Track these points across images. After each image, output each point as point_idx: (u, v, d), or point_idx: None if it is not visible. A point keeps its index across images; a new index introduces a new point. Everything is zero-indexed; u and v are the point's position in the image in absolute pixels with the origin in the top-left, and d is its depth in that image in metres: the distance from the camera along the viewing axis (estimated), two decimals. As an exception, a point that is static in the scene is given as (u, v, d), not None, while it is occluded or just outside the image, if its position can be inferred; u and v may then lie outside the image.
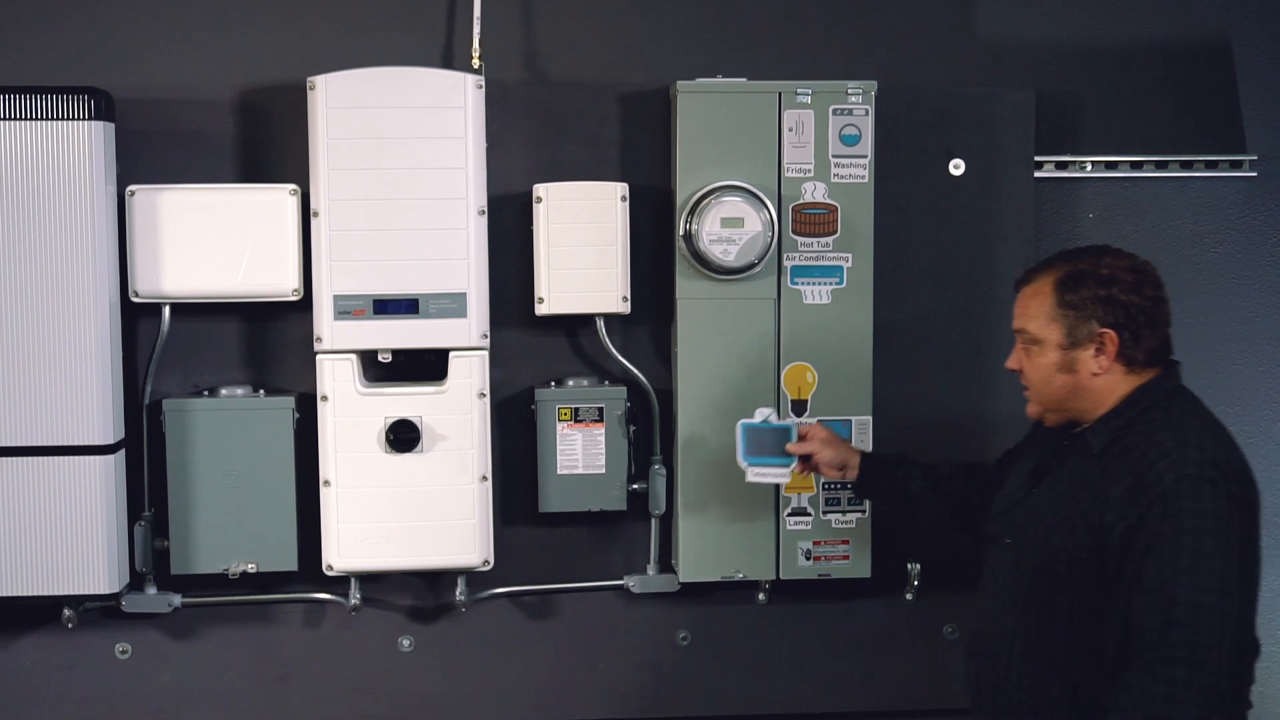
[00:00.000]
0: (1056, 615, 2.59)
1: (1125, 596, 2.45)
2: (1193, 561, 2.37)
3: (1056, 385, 2.65)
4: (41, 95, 3.20)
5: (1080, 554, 2.52)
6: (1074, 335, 2.61)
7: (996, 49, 3.68)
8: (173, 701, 3.59)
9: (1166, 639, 2.36)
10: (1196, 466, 2.43)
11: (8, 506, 3.25)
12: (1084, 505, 2.54)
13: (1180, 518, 2.40)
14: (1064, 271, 2.63)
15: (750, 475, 3.25)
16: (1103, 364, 2.60)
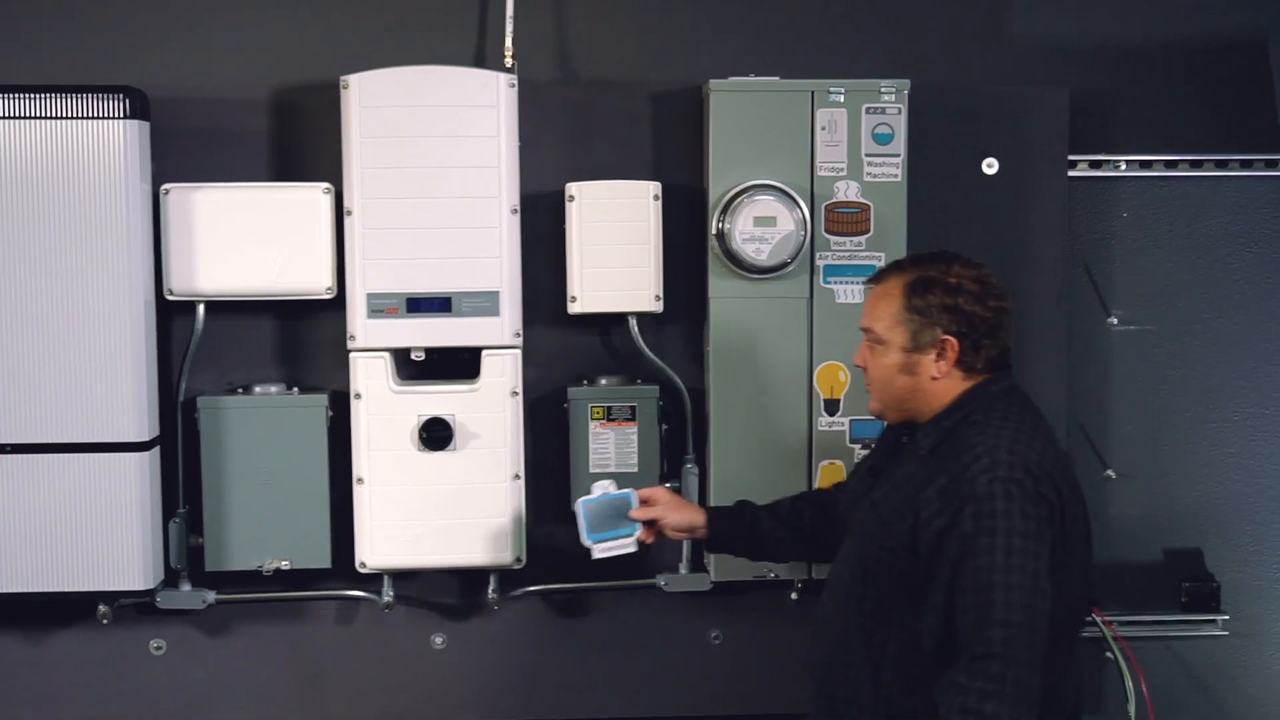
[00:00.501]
0: (872, 606, 2.65)
1: (942, 595, 2.51)
2: (1005, 561, 2.44)
3: (897, 386, 2.71)
4: (77, 94, 3.22)
5: (898, 549, 2.59)
6: (917, 340, 2.66)
7: (1030, 48, 3.66)
8: (207, 697, 3.61)
9: (983, 637, 2.42)
10: (1007, 469, 2.50)
11: (44, 503, 3.27)
12: (904, 503, 2.61)
13: (992, 519, 2.47)
14: (914, 276, 2.68)
15: (596, 552, 3.18)
16: (942, 369, 2.66)
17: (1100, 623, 3.62)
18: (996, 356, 2.68)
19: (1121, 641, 3.64)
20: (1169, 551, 3.80)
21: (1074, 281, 3.68)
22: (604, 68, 3.57)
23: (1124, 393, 3.75)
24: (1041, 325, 3.60)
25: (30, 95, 3.21)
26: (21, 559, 3.28)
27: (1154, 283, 3.73)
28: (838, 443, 3.46)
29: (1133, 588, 3.78)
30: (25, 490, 3.27)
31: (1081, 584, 2.66)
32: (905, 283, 2.68)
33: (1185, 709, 3.82)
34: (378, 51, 3.44)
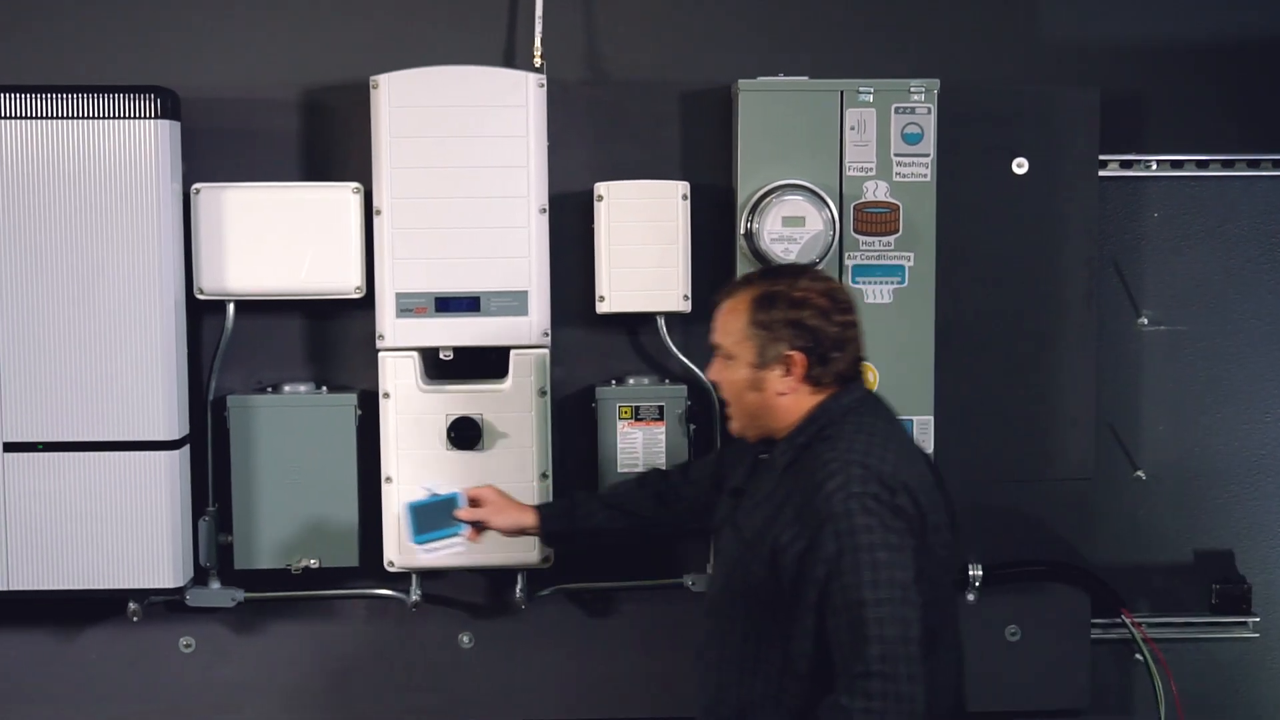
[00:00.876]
0: (744, 629, 2.62)
1: (812, 618, 2.49)
2: (872, 577, 2.42)
3: (747, 401, 2.69)
4: (109, 94, 3.24)
5: (761, 572, 2.56)
6: (763, 355, 2.63)
7: (1060, 47, 3.65)
8: (235, 695, 3.62)
9: (860, 655, 2.40)
10: (861, 484, 2.48)
11: (75, 501, 3.29)
12: (764, 524, 2.58)
13: (853, 536, 2.44)
14: (760, 291, 2.65)
15: (421, 554, 3.22)
16: (789, 384, 2.63)
17: (1130, 624, 3.62)
18: (845, 371, 2.66)
19: (1151, 643, 3.64)
20: (1200, 553, 3.78)
21: (1104, 282, 3.67)
22: (633, 67, 3.57)
23: (1154, 393, 3.73)
24: (1071, 325, 3.59)
25: (62, 95, 3.23)
26: (53, 556, 3.30)
27: (1185, 283, 3.71)
28: (866, 443, 3.45)
29: (1163, 589, 3.77)
30: (57, 488, 3.28)
31: (947, 586, 2.68)
32: (751, 298, 2.64)
33: (1215, 711, 3.80)
34: (407, 51, 3.45)
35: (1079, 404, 3.61)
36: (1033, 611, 3.67)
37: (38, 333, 3.25)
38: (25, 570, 3.30)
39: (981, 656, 3.64)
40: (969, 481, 3.57)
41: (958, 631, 2.76)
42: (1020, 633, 3.66)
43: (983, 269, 3.58)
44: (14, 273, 3.24)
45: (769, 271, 2.74)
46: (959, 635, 2.77)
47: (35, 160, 3.23)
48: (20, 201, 3.23)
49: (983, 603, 3.60)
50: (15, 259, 3.24)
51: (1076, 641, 3.68)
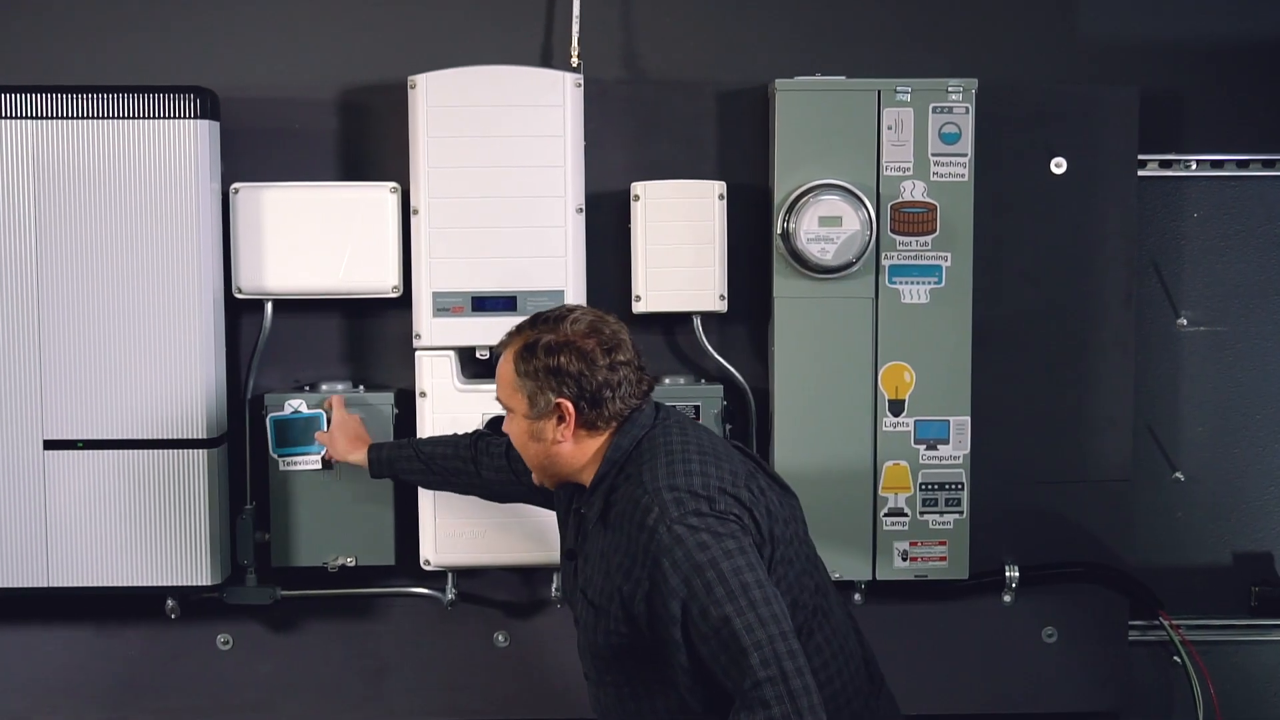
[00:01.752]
0: (629, 689, 2.58)
1: (685, 654, 2.42)
2: (725, 591, 2.35)
3: (530, 453, 2.62)
4: (149, 94, 3.26)
5: (621, 629, 2.51)
6: (535, 405, 2.56)
7: (1099, 46, 3.63)
8: (272, 692, 3.64)
9: (744, 670, 2.34)
10: (677, 507, 2.42)
11: (114, 499, 3.31)
12: (607, 581, 2.51)
13: (690, 560, 2.38)
14: (524, 341, 2.58)
15: (281, 465, 3.43)
16: (564, 434, 2.57)
17: (1168, 626, 3.60)
18: (623, 408, 2.57)
19: (1189, 646, 3.62)
20: (1238, 555, 3.76)
21: (1143, 282, 3.65)
22: (670, 67, 3.57)
23: (1193, 394, 3.71)
24: (1110, 326, 3.57)
25: (103, 95, 3.25)
26: (93, 553, 3.32)
27: (1225, 284, 3.69)
28: (903, 443, 3.45)
29: (1201, 591, 3.74)
30: (97, 485, 3.31)
31: (805, 559, 2.61)
32: (516, 350, 2.58)
33: (1254, 715, 3.77)
34: (445, 51, 3.46)
35: (1117, 405, 3.60)
36: (1070, 613, 3.65)
37: (77, 331, 3.27)
38: (66, 567, 3.32)
39: (1018, 658, 3.64)
40: (1006, 483, 3.57)
41: (833, 595, 2.69)
42: (1057, 634, 3.65)
43: (1020, 269, 3.57)
44: (54, 271, 3.26)
45: (536, 319, 2.62)
46: (836, 598, 2.70)
47: (76, 160, 3.25)
48: (61, 201, 3.25)
49: (1020, 604, 3.59)
50: (56, 258, 3.26)
51: (1114, 644, 3.66)
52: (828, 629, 2.61)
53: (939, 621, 3.65)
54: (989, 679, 3.67)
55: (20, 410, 3.29)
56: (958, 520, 3.48)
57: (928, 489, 3.46)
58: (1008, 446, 3.54)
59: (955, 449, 3.45)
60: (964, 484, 3.46)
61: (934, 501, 3.47)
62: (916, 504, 3.47)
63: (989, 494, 3.53)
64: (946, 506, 3.47)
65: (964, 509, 3.47)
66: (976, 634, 3.66)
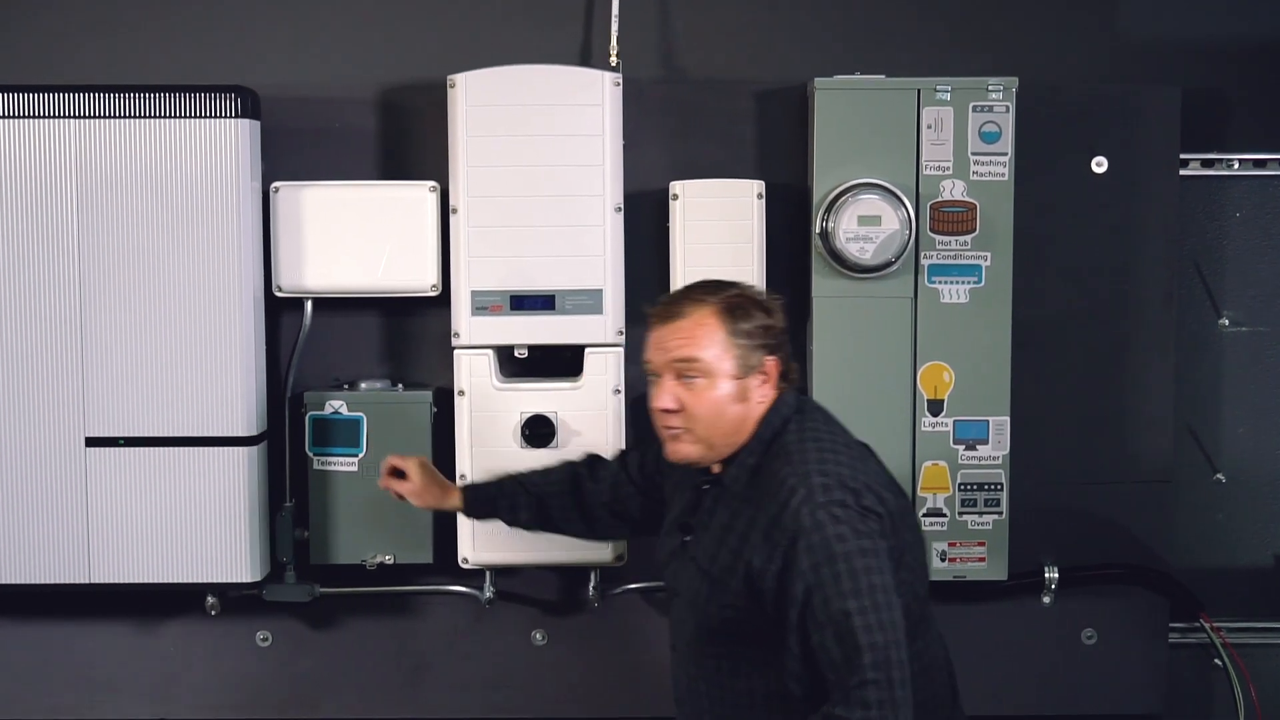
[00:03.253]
0: (730, 664, 2.57)
1: (797, 639, 2.43)
2: (852, 586, 2.37)
3: (729, 418, 2.57)
4: (191, 94, 3.28)
5: (739, 604, 2.50)
6: (746, 364, 2.55)
7: (1141, 44, 3.61)
8: (311, 689, 3.65)
9: (854, 666, 2.35)
10: (825, 493, 2.43)
11: (155, 496, 3.33)
12: (732, 555, 2.51)
13: (826, 547, 2.39)
14: (724, 300, 2.57)
15: (315, 464, 3.43)
16: (766, 393, 2.57)
17: (1209, 629, 3.57)
18: (793, 375, 2.62)
19: (1230, 648, 3.60)
20: (1281, 557, 3.74)
21: (1184, 282, 3.63)
22: (708, 66, 3.57)
23: (1235, 395, 3.69)
24: (1151, 326, 3.55)
25: (144, 95, 3.27)
26: (134, 550, 3.34)
27: (1267, 284, 3.66)
28: (941, 443, 3.43)
29: (1243, 594, 3.72)
30: (138, 483, 3.33)
31: (922, 577, 2.63)
32: (719, 308, 2.56)
33: (1296, 718, 3.76)
34: (484, 50, 3.46)
35: (1158, 406, 3.57)
36: (1110, 615, 3.63)
37: (119, 329, 3.29)
38: (107, 563, 3.34)
39: (1057, 660, 3.63)
40: (1046, 484, 3.56)
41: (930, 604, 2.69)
42: (1097, 636, 3.63)
43: (1061, 269, 3.55)
44: (96, 270, 3.28)
45: (707, 285, 2.63)
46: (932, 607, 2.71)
47: (118, 159, 3.27)
48: (103, 200, 3.27)
49: (1059, 606, 3.58)
50: (98, 257, 3.28)
51: (1154, 646, 3.64)
52: (927, 637, 2.62)
53: (978, 623, 3.63)
54: (1027, 681, 3.66)
55: (62, 408, 3.31)
56: (997, 521, 3.46)
57: (967, 489, 3.45)
58: (1048, 447, 3.52)
59: (995, 449, 3.43)
60: (1003, 484, 3.44)
61: (973, 502, 3.45)
62: (955, 504, 3.45)
63: (1028, 495, 3.52)
64: (985, 507, 3.46)
65: (1003, 510, 3.46)
66: (1015, 635, 3.65)
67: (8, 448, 3.32)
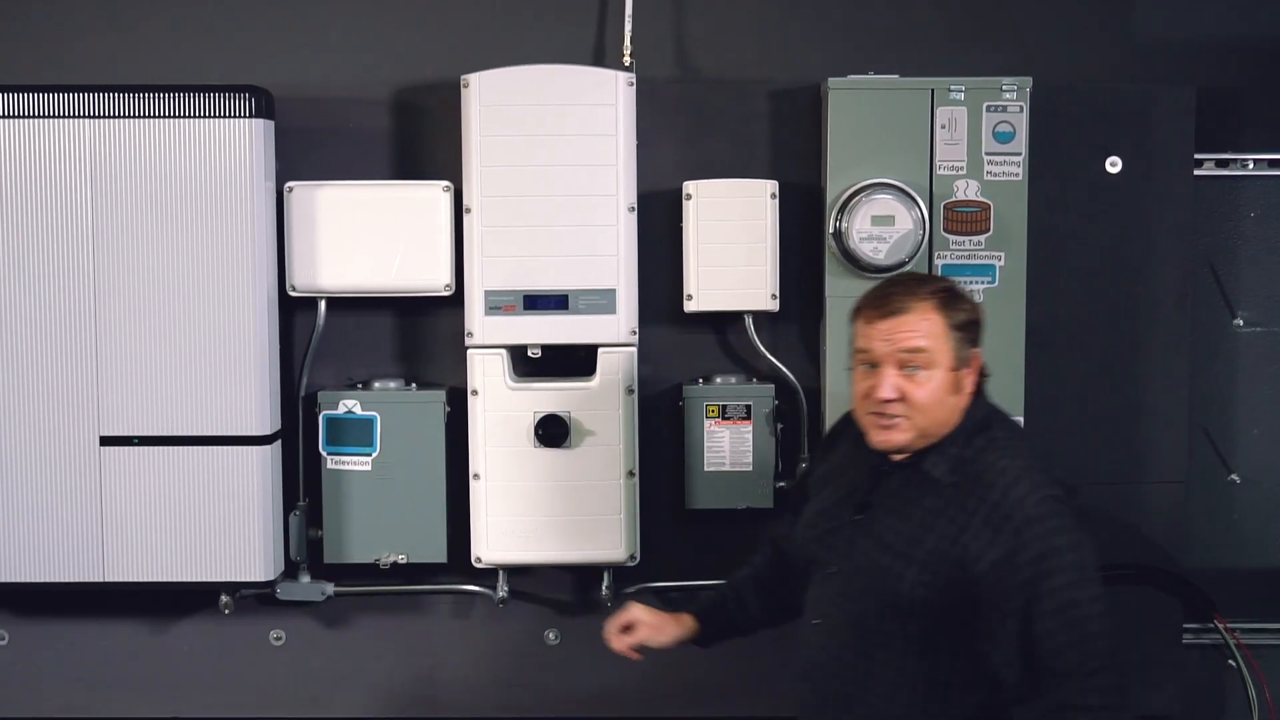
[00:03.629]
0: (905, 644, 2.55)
1: (1016, 623, 2.43)
2: (1079, 575, 2.41)
3: (946, 408, 2.57)
4: (204, 94, 3.28)
5: (938, 585, 2.50)
6: (960, 355, 2.58)
7: (1155, 44, 3.61)
8: (325, 688, 3.66)
9: (1086, 654, 2.39)
10: (1047, 485, 2.47)
11: (169, 494, 3.34)
12: (934, 539, 2.51)
13: (1054, 536, 2.42)
14: (939, 295, 2.59)
15: (329, 463, 3.43)
16: (971, 384, 2.60)
17: (1222, 630, 3.57)
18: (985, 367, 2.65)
19: (1244, 649, 3.59)
20: (1295, 558, 3.73)
21: (1199, 282, 3.62)
22: (722, 66, 3.57)
23: (1249, 395, 3.68)
24: (1164, 327, 3.55)
25: (159, 95, 3.28)
26: (148, 549, 3.35)
27: (1281, 284, 3.66)
28: (955, 444, 3.43)
29: (1257, 595, 3.71)
30: (152, 481, 3.33)
31: None
32: (937, 301, 2.57)
33: (1310, 719, 3.75)
34: (498, 50, 3.46)
35: (1172, 406, 3.57)
36: (1123, 616, 3.61)
37: (133, 329, 3.30)
38: (121, 562, 3.35)
39: (1071, 660, 3.61)
40: (1059, 484, 3.54)
41: None
42: (1110, 637, 3.62)
43: (1075, 269, 3.55)
44: (111, 269, 3.29)
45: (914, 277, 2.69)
46: None
47: (132, 159, 3.28)
48: (117, 200, 3.28)
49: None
50: (112, 257, 3.29)
51: (1168, 647, 3.63)
52: None
53: (991, 623, 3.63)
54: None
55: (77, 406, 3.32)
56: (1010, 521, 3.45)
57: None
58: (1061, 448, 3.51)
59: (1008, 450, 3.43)
60: (1016, 485, 3.44)
61: (986, 502, 3.44)
62: (969, 505, 3.45)
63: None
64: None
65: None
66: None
67: (22, 447, 3.32)
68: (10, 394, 3.31)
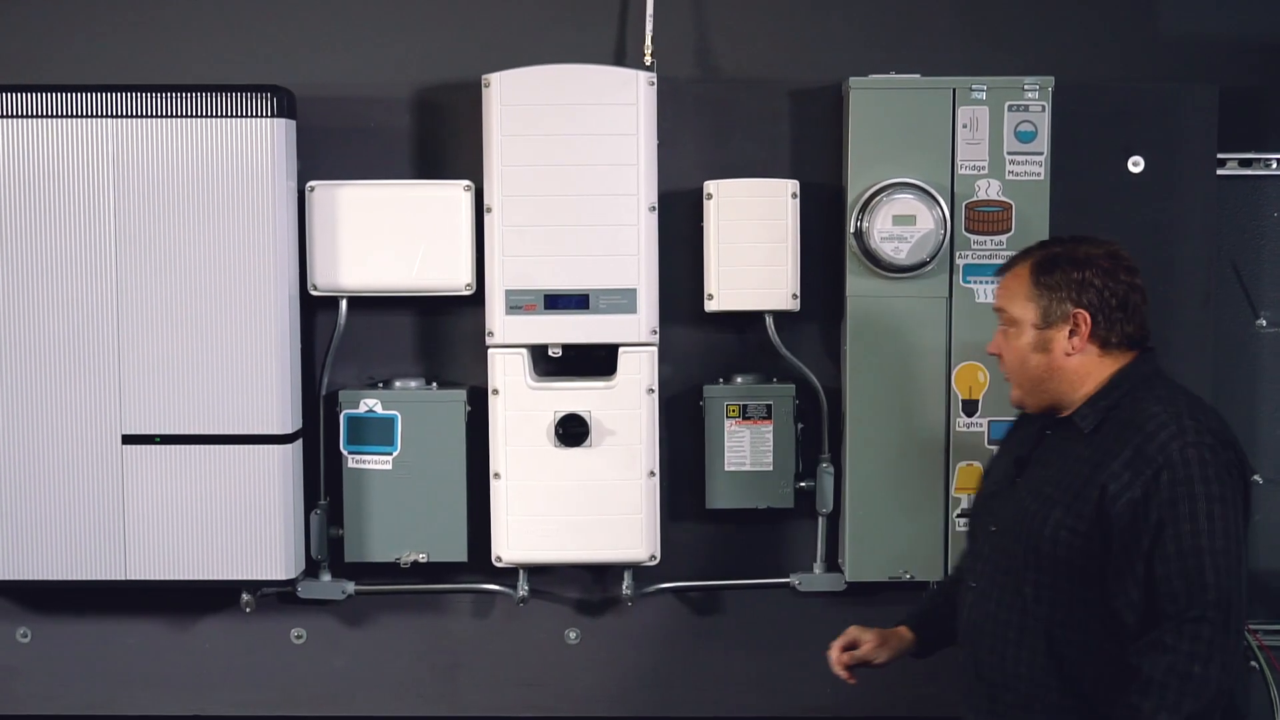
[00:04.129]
0: (1047, 594, 2.57)
1: (1142, 565, 2.46)
2: (1208, 525, 2.42)
3: (1032, 365, 2.64)
4: (227, 93, 3.29)
5: (1078, 528, 2.52)
6: (1048, 315, 2.61)
7: (1178, 43, 3.59)
8: (345, 686, 3.67)
9: (1194, 600, 2.40)
10: (1196, 434, 2.47)
11: (191, 493, 3.35)
12: (1078, 482, 2.54)
13: (1190, 484, 2.44)
14: (1041, 255, 2.65)
15: (350, 462, 3.44)
16: (1076, 344, 2.60)
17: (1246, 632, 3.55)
18: (1134, 333, 2.63)
19: (1267, 650, 3.58)
20: (1318, 559, 3.72)
21: (1222, 283, 3.60)
22: (743, 65, 3.56)
23: (1272, 395, 3.66)
24: (1188, 327, 3.53)
25: (181, 94, 3.29)
26: (170, 547, 3.36)
27: (1305, 284, 3.65)
28: (976, 444, 3.42)
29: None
30: (174, 480, 3.34)
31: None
32: (1033, 263, 2.65)
33: (1333, 721, 3.73)
34: (518, 50, 3.47)
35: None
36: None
37: (155, 327, 3.31)
38: (143, 560, 3.36)
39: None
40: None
41: None
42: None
43: (1097, 269, 3.53)
44: (133, 268, 3.30)
45: (1047, 240, 2.73)
46: None
47: (154, 158, 3.29)
48: (139, 198, 3.29)
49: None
50: (135, 255, 3.30)
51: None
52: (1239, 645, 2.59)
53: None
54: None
55: (99, 405, 3.33)
56: (1031, 522, 3.45)
57: (1002, 489, 3.43)
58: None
59: (1029, 450, 3.42)
60: (1038, 485, 3.44)
61: (1008, 502, 3.44)
62: (990, 505, 3.44)
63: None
64: (1020, 508, 3.44)
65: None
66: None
67: (45, 445, 3.34)
68: (34, 392, 3.32)
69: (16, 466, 3.34)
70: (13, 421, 3.33)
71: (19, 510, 3.35)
